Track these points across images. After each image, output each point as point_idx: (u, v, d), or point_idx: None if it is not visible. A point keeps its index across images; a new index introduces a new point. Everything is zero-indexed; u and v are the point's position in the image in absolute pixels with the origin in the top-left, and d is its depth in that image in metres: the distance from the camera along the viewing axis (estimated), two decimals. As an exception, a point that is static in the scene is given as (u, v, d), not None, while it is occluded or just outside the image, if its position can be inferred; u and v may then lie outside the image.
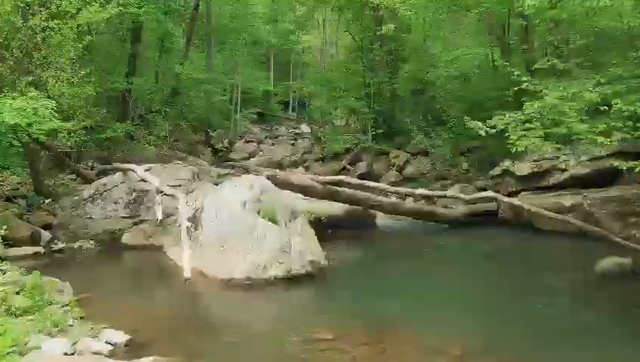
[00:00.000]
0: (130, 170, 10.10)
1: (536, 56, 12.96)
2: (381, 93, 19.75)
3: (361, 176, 18.33)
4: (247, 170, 9.74)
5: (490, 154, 16.09)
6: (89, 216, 9.96)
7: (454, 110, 14.54)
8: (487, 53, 13.30)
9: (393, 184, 16.76)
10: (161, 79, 21.09)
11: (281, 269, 7.65)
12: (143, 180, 10.07)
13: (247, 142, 29.98)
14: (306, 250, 8.04)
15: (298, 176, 10.05)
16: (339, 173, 18.79)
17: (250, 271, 7.53)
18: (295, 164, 22.08)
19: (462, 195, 11.46)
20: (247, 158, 26.08)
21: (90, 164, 13.18)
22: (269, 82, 36.20)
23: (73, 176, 13.20)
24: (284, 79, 36.50)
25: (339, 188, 10.43)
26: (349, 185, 10.42)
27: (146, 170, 9.80)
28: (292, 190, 10.24)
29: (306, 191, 10.20)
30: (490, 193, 11.38)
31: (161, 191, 8.67)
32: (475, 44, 15.21)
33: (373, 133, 18.92)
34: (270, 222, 8.32)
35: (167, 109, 22.60)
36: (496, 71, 16.70)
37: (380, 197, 10.89)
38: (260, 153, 27.46)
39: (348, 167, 18.98)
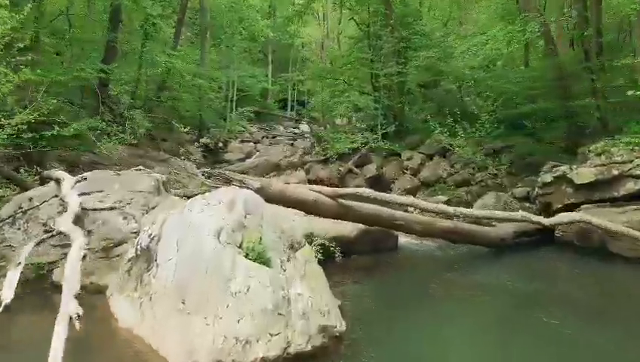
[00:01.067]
0: (58, 179, 6.91)
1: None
2: (391, 86, 16.56)
3: (370, 181, 15.27)
4: (228, 180, 6.56)
5: (523, 155, 13.01)
6: (8, 244, 6.75)
7: (488, 103, 11.36)
8: (532, 28, 10.11)
9: (409, 191, 13.70)
10: (144, 71, 17.87)
11: (275, 345, 4.49)
12: (84, 193, 6.91)
13: (244, 141, 26.94)
14: (313, 308, 4.90)
15: (299, 187, 6.91)
16: (344, 176, 15.72)
17: (224, 351, 4.37)
18: (294, 166, 18.92)
19: (543, 219, 8.19)
20: (243, 159, 23.07)
21: (36, 168, 9.95)
22: (267, 80, 33.05)
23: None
24: (284, 84, 33.33)
25: (354, 204, 7.27)
26: (368, 199, 7.23)
27: (78, 181, 6.63)
28: (291, 206, 7.09)
29: (310, 207, 7.05)
30: (583, 216, 7.96)
31: (51, 231, 5.49)
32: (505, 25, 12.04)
33: (383, 131, 15.76)
34: (257, 263, 5.18)
35: (152, 105, 19.66)
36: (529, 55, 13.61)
37: (406, 214, 7.70)
38: (257, 153, 24.42)
39: (354, 169, 15.84)
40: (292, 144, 26.47)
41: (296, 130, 30.95)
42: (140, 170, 7.96)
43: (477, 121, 11.41)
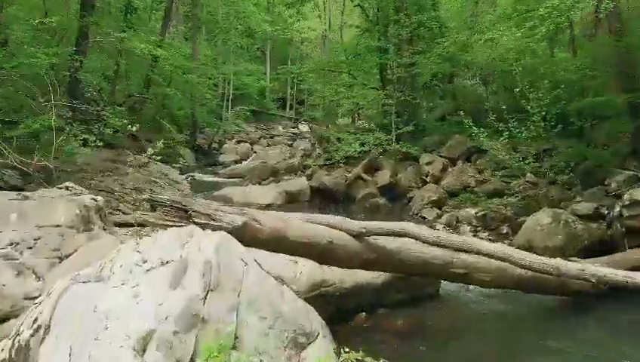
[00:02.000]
0: None
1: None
2: (405, 80, 13.64)
3: (383, 189, 12.39)
4: (186, 212, 3.67)
5: (572, 160, 10.10)
6: None
7: (539, 95, 8.48)
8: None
9: (434, 203, 10.83)
10: (124, 63, 14.95)
11: None
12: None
13: (240, 142, 24.12)
14: None
15: (301, 222, 3.99)
16: (351, 183, 12.82)
17: None
18: (294, 170, 16.04)
19: None
20: (239, 161, 20.23)
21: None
22: (265, 77, 30.14)
23: None
24: (283, 76, 30.37)
25: (389, 246, 4.38)
26: (422, 240, 4.26)
27: None
28: (293, 253, 4.22)
29: (322, 253, 4.16)
30: None
31: None
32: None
33: (398, 131, 12.90)
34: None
35: (134, 102, 16.82)
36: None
37: (468, 259, 4.76)
38: (253, 155, 21.57)
39: (363, 176, 12.95)
40: (291, 145, 23.71)
41: (296, 130, 28.23)
42: (67, 188, 5.07)
43: (528, 119, 8.57)
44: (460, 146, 12.76)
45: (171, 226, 3.67)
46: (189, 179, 14.54)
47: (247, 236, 3.77)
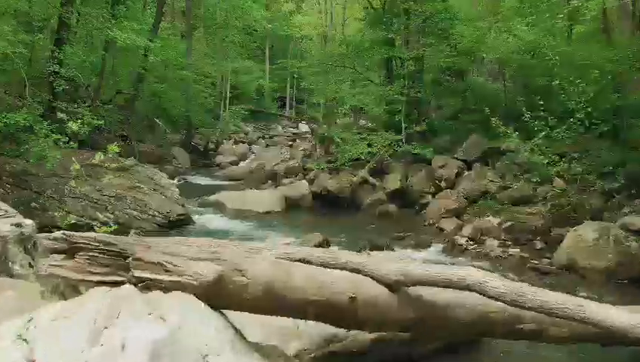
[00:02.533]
0: None
1: None
2: (413, 75, 12.13)
3: (392, 195, 10.96)
4: (124, 260, 2.25)
5: (606, 163, 8.64)
6: None
7: (577, 90, 7.02)
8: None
9: (453, 213, 9.33)
10: (110, 57, 13.42)
11: None
12: None
13: (237, 142, 22.65)
14: None
15: (307, 270, 2.61)
16: (357, 187, 11.37)
17: None
18: (294, 172, 14.54)
19: None
20: (236, 162, 18.75)
21: None
22: (264, 75, 28.60)
23: None
24: (282, 75, 28.82)
25: (434, 300, 2.91)
26: (491, 296, 2.78)
27: None
28: (296, 314, 2.74)
29: (342, 313, 2.71)
30: None
31: None
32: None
33: (409, 131, 11.43)
34: None
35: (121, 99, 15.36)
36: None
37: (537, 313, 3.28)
38: (252, 156, 20.10)
39: (370, 180, 11.50)
40: (291, 145, 22.23)
41: (296, 130, 26.72)
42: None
43: (568, 116, 7.10)
44: (476, 147, 11.31)
45: (98, 283, 2.19)
46: (180, 182, 13.05)
47: (223, 295, 2.31)
